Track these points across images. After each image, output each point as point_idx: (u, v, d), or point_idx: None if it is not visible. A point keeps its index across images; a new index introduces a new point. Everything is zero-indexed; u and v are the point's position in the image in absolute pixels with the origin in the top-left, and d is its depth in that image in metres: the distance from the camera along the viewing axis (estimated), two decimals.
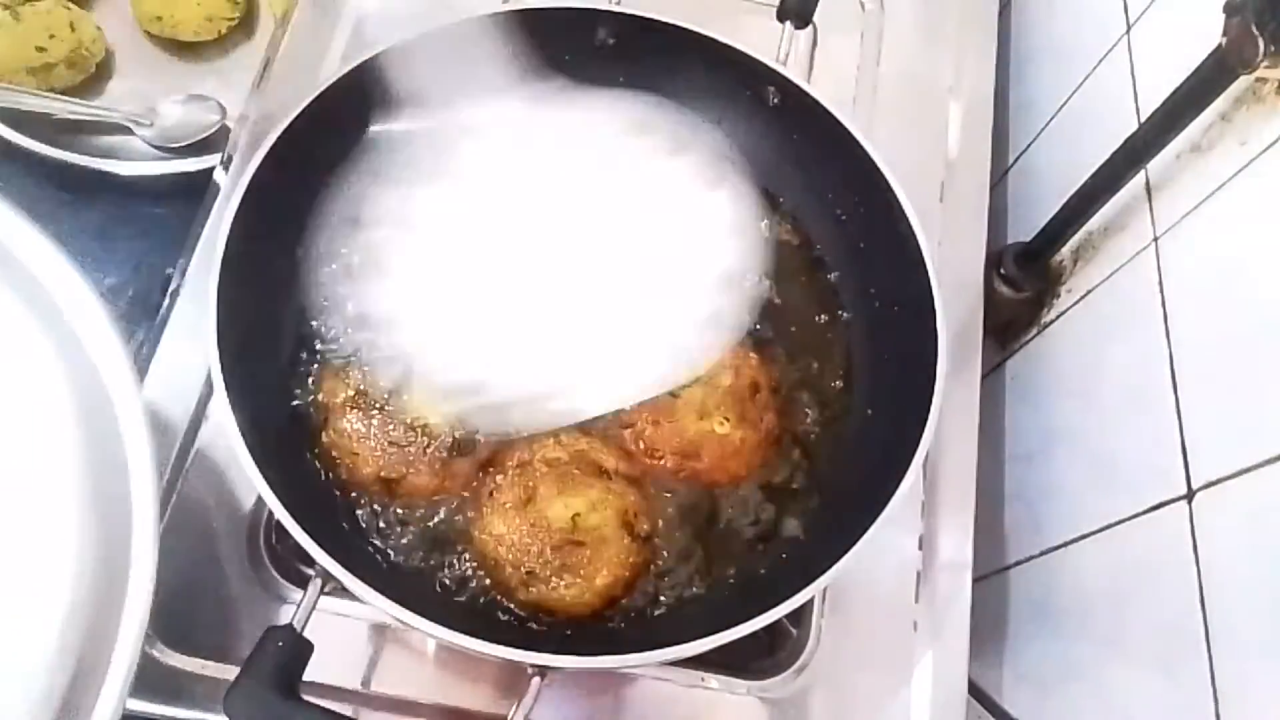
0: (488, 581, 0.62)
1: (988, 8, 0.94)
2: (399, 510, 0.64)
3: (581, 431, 0.65)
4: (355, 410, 0.63)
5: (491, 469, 0.64)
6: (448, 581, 0.63)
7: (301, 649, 0.55)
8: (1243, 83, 0.59)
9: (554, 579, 0.60)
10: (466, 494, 0.64)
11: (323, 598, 0.57)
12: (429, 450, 0.62)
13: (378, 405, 0.63)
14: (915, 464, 0.59)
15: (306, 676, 0.54)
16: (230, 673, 0.55)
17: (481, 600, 0.63)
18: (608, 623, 0.63)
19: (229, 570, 0.67)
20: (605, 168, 0.68)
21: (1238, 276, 0.59)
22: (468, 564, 0.63)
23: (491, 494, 0.62)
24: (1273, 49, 0.54)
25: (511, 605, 0.62)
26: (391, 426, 0.62)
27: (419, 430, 0.63)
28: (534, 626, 0.62)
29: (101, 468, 0.48)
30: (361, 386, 0.63)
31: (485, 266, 0.67)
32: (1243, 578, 0.54)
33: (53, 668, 0.43)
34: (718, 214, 0.68)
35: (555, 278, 0.66)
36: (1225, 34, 0.56)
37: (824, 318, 0.74)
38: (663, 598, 0.64)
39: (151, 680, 0.63)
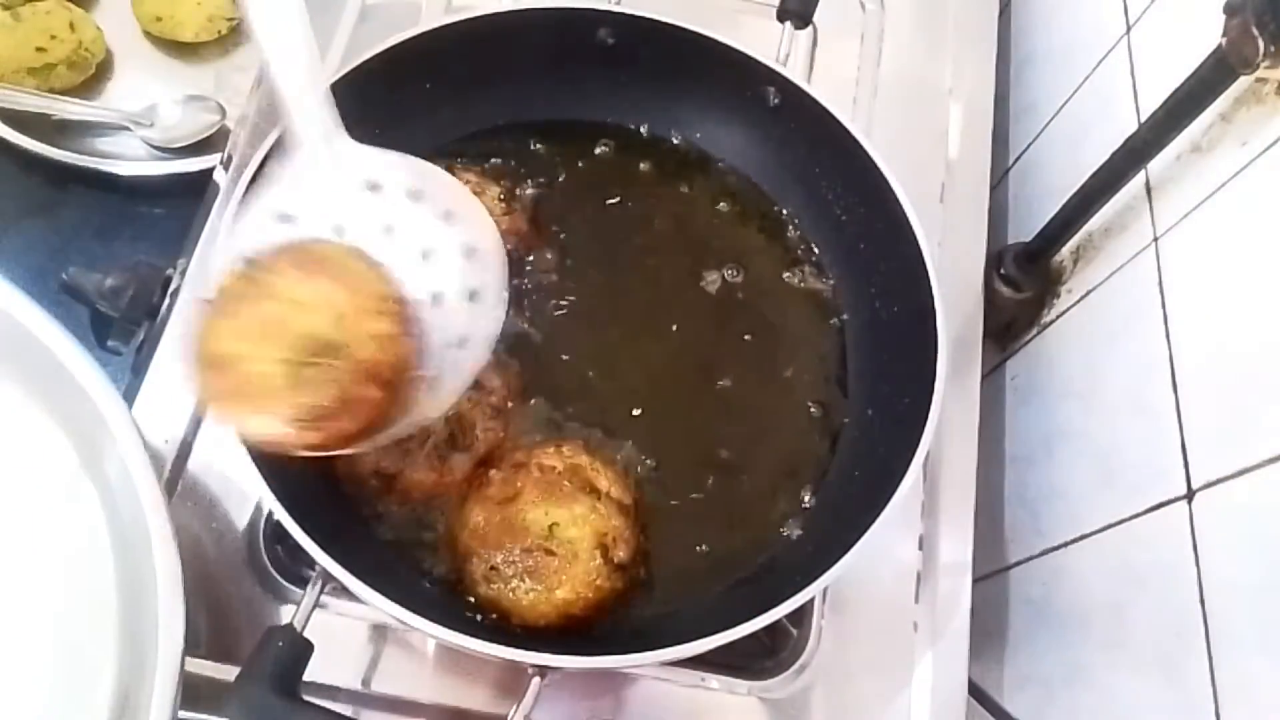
0: (453, 574, 0.62)
1: (988, 9, 0.95)
2: (398, 509, 0.64)
3: (586, 449, 0.65)
4: None
5: (488, 465, 0.64)
6: (447, 581, 0.63)
7: (301, 649, 0.55)
8: (1243, 83, 0.58)
9: (515, 580, 0.60)
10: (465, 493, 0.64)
11: (323, 598, 0.57)
12: (426, 445, 0.62)
13: None
14: (915, 464, 0.59)
15: (306, 676, 0.55)
16: (230, 673, 0.55)
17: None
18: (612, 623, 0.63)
19: (229, 570, 0.67)
20: None
21: (1238, 276, 0.59)
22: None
23: (479, 486, 0.62)
24: (1273, 49, 0.54)
25: (469, 599, 0.61)
26: None
27: None
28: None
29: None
30: None
31: None
32: (1243, 578, 0.54)
33: None
34: None
35: None
36: (1225, 34, 0.56)
37: (824, 318, 0.75)
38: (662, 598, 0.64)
39: None
